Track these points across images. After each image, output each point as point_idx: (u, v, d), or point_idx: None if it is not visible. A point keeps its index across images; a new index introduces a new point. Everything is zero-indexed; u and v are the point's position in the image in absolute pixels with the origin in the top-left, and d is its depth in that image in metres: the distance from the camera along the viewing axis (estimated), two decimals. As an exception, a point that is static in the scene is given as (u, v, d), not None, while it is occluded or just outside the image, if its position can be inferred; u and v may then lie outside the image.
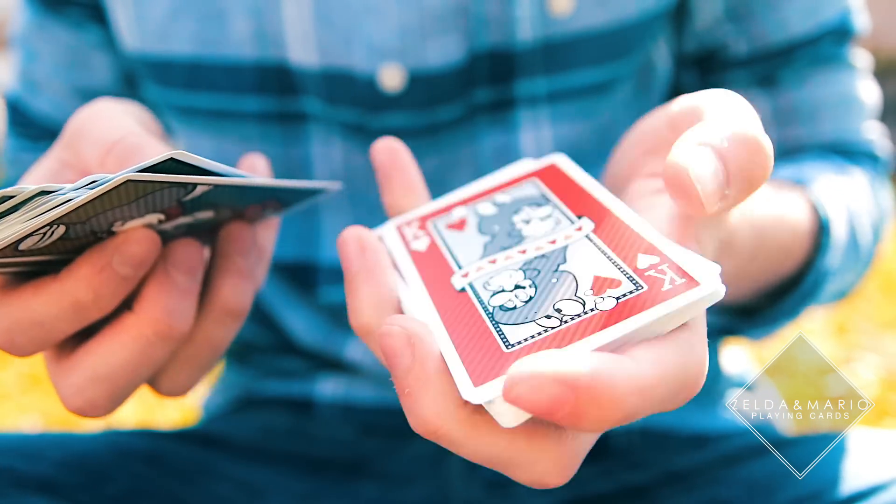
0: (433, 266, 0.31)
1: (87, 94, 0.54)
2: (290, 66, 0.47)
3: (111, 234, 0.29)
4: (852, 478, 0.42)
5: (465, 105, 0.48)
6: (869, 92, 0.55)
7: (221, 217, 0.33)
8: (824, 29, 0.52)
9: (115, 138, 0.30)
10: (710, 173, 0.25)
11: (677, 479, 0.49)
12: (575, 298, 0.26)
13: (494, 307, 0.27)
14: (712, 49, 0.53)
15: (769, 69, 0.53)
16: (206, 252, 0.35)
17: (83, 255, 0.29)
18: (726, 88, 0.54)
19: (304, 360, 0.56)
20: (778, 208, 0.43)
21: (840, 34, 0.52)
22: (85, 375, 0.30)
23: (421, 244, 0.32)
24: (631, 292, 0.26)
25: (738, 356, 0.63)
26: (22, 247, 0.26)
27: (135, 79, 0.54)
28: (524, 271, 0.29)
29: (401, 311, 0.29)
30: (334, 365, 0.55)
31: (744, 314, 0.50)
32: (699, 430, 0.54)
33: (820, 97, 0.53)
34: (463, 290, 0.29)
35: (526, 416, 0.24)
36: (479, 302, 0.28)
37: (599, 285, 0.26)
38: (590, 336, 0.24)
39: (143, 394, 1.35)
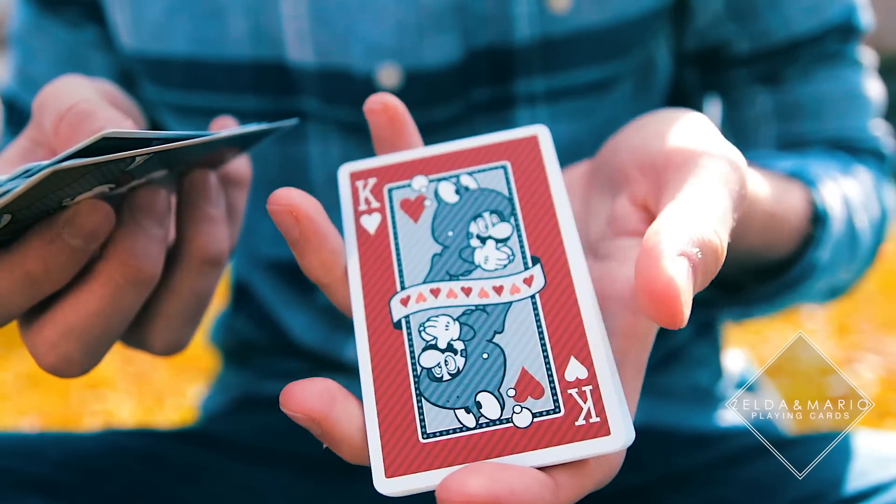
0: (377, 267, 0.30)
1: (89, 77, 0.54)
2: (287, 65, 0.47)
3: (63, 208, 0.28)
4: (853, 478, 0.42)
5: (463, 104, 0.47)
6: (874, 89, 0.54)
7: (178, 171, 0.33)
8: (828, 26, 0.51)
9: (67, 106, 0.30)
10: (689, 291, 0.25)
11: (678, 480, 0.49)
12: (496, 395, 0.27)
13: (422, 370, 0.28)
14: (714, 47, 0.52)
15: (772, 67, 0.52)
16: (173, 198, 0.35)
17: (33, 228, 0.28)
18: (729, 86, 0.54)
19: (303, 361, 0.56)
20: (768, 195, 0.43)
21: (844, 31, 0.52)
22: (57, 330, 0.30)
23: (371, 222, 0.32)
24: (548, 412, 0.26)
25: (739, 356, 0.63)
26: None
27: (132, 78, 0.54)
28: (461, 325, 0.29)
29: (345, 275, 0.30)
30: (334, 365, 0.55)
31: (726, 289, 0.50)
32: (699, 431, 0.54)
33: (824, 93, 0.53)
34: (398, 325, 0.29)
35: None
36: (411, 353, 0.28)
37: (523, 387, 0.27)
38: (498, 457, 0.26)
39: (143, 394, 1.35)
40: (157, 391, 1.36)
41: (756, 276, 0.49)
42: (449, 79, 0.46)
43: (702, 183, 0.28)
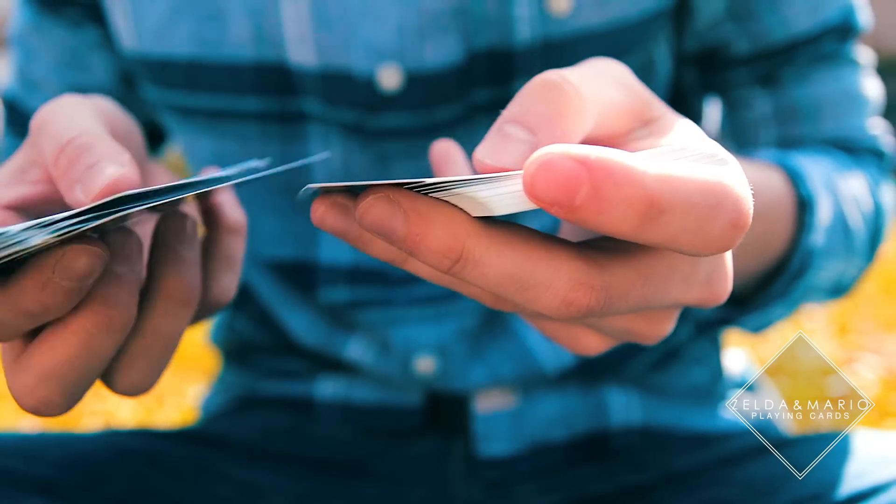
0: None
1: (85, 94, 0.54)
2: (289, 67, 0.47)
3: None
4: (853, 478, 0.42)
5: (463, 105, 0.47)
6: (872, 88, 0.55)
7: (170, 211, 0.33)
8: (826, 26, 0.51)
9: (68, 137, 0.30)
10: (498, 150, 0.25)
11: (678, 480, 0.49)
12: None
13: None
14: (713, 48, 0.52)
15: (770, 67, 0.52)
16: (146, 241, 0.34)
17: (27, 269, 0.28)
18: (728, 87, 0.54)
19: (303, 361, 0.56)
20: (755, 178, 0.43)
21: (842, 31, 0.52)
22: (34, 374, 0.30)
23: None
24: None
25: (739, 356, 0.63)
26: None
27: (133, 79, 0.54)
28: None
29: None
30: (334, 365, 0.55)
31: (738, 304, 0.50)
32: (699, 431, 0.54)
33: (822, 94, 0.53)
34: None
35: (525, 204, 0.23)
36: None
37: None
38: None
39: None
40: (157, 391, 1.36)
41: (761, 283, 0.49)
42: (450, 80, 0.46)
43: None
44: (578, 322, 0.29)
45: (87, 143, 0.29)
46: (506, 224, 0.25)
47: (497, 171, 0.24)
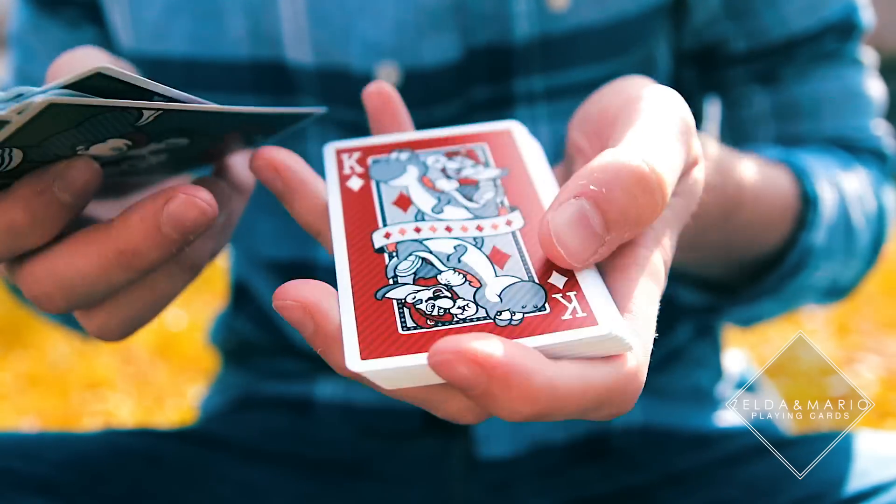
0: (360, 212, 0.31)
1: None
2: (286, 65, 0.47)
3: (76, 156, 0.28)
4: (853, 478, 0.42)
5: (462, 103, 0.47)
6: (875, 88, 0.54)
7: (201, 145, 0.32)
8: (826, 25, 0.51)
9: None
10: (574, 232, 0.25)
11: (677, 480, 0.49)
12: (478, 300, 0.27)
13: (406, 282, 0.28)
14: (712, 46, 0.52)
15: (770, 65, 0.52)
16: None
17: (23, 177, 0.28)
18: (727, 85, 0.54)
19: (303, 362, 0.56)
20: (755, 171, 0.43)
21: (843, 30, 0.52)
22: (45, 267, 0.30)
23: (355, 183, 0.33)
24: (533, 310, 0.26)
25: (739, 357, 0.63)
26: None
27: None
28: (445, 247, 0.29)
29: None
30: (334, 365, 0.55)
31: (727, 292, 0.50)
32: (699, 431, 0.54)
33: (822, 93, 0.52)
34: (380, 251, 0.29)
35: (404, 384, 0.25)
36: (393, 270, 0.28)
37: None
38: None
39: (143, 394, 1.35)
40: (157, 391, 1.36)
41: (754, 275, 0.49)
42: (448, 78, 0.46)
43: (634, 126, 0.28)
44: None
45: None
46: None
47: (557, 255, 0.26)
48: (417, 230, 0.30)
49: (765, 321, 0.53)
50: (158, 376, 1.40)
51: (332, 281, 0.28)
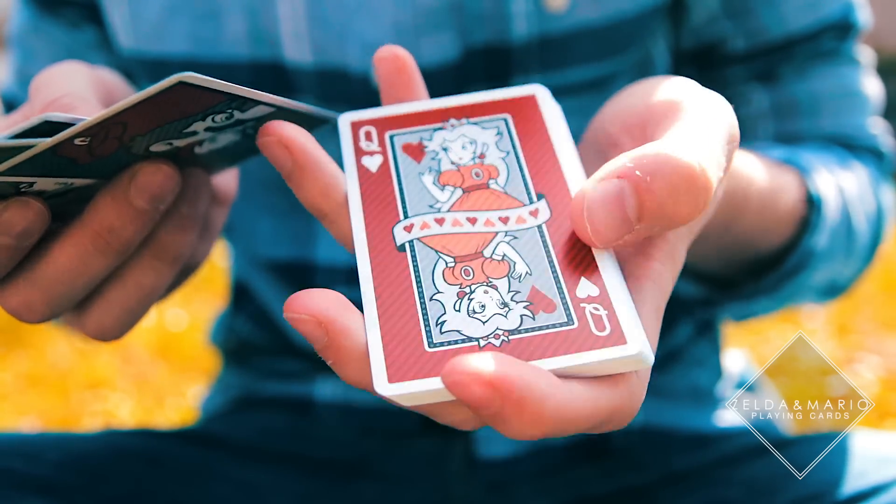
0: (379, 200, 0.30)
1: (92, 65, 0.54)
2: (284, 65, 0.47)
3: (141, 156, 0.29)
4: (853, 478, 0.42)
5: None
6: (872, 87, 0.54)
7: (250, 136, 0.32)
8: (825, 24, 0.51)
9: (54, 97, 0.30)
10: (607, 211, 0.25)
11: (677, 480, 0.49)
12: (502, 309, 0.26)
13: (429, 286, 0.27)
14: (710, 45, 0.52)
15: (768, 64, 0.52)
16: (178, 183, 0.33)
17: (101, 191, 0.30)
18: (726, 84, 0.54)
19: (303, 362, 0.56)
20: (763, 177, 0.43)
21: (841, 29, 0.52)
22: (21, 275, 0.30)
23: (373, 162, 0.32)
24: (561, 324, 0.26)
25: (739, 356, 0.63)
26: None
27: (131, 78, 0.54)
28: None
29: (345, 203, 0.30)
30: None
31: (725, 287, 0.50)
32: (699, 431, 0.54)
33: (820, 91, 0.52)
34: (402, 248, 0.28)
35: (425, 402, 0.25)
36: (416, 272, 0.28)
37: (535, 304, 0.26)
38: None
39: (143, 394, 1.35)
40: (157, 391, 1.36)
41: (753, 271, 0.49)
42: (446, 78, 0.46)
43: (684, 124, 0.28)
44: None
45: (69, 105, 0.30)
46: None
47: (583, 228, 0.26)
48: (440, 222, 0.29)
49: (760, 316, 0.54)
50: (158, 376, 1.40)
51: (333, 282, 0.28)
